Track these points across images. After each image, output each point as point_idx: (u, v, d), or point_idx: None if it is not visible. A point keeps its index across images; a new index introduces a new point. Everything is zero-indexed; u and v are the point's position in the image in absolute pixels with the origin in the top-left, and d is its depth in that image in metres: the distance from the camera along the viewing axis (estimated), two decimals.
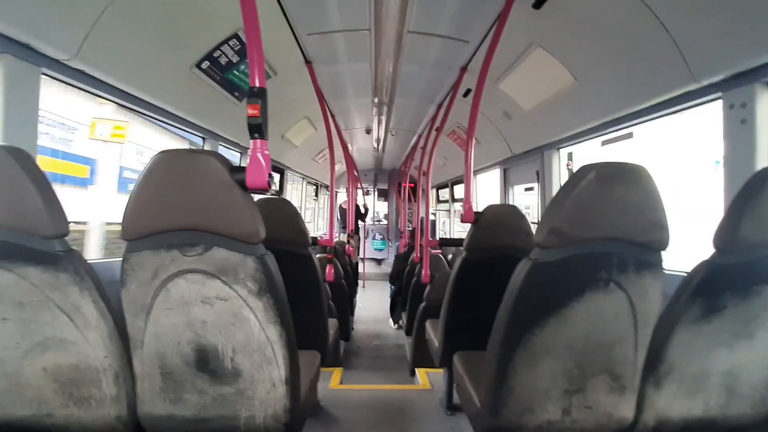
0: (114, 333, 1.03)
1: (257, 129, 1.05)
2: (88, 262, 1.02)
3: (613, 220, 1.02)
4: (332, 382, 2.69)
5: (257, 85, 1.07)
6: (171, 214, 0.98)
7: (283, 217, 1.88)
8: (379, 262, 9.25)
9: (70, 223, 1.00)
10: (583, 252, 1.02)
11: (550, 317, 1.04)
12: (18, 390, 1.03)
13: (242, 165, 1.03)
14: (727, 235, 1.05)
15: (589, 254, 1.03)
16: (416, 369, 2.97)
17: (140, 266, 0.98)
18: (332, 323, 2.37)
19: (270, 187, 1.02)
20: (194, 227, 0.98)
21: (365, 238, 8.72)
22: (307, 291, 1.94)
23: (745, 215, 1.02)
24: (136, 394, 1.07)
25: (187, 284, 0.99)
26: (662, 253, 1.08)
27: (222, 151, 2.88)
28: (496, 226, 1.86)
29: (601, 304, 1.04)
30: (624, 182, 1.00)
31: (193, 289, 0.99)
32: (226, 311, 1.00)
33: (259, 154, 1.04)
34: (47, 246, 0.96)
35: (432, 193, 7.67)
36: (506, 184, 3.95)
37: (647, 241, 1.04)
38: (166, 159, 0.97)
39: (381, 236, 9.34)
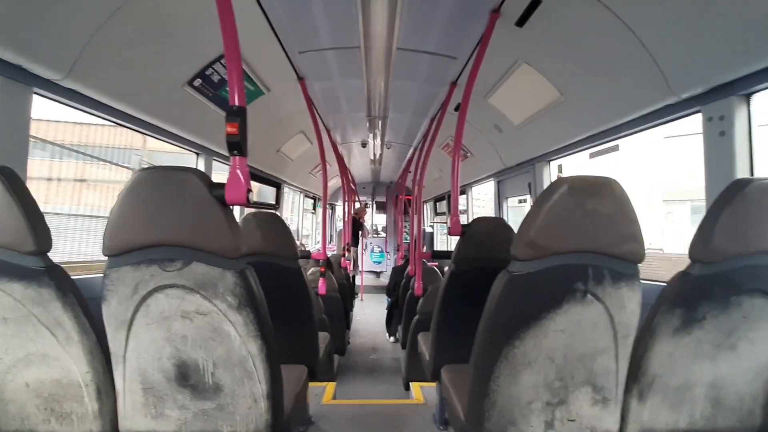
0: (96, 348, 1.03)
1: (236, 146, 1.08)
2: (71, 278, 1.03)
3: (586, 233, 1.03)
4: (325, 397, 2.66)
5: (236, 104, 1.10)
6: (151, 230, 0.99)
7: (271, 231, 1.89)
8: (377, 274, 9.22)
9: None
10: (559, 264, 1.04)
11: (530, 329, 1.05)
12: (2, 405, 1.03)
13: None
14: (702, 246, 1.06)
15: (564, 266, 1.04)
16: (410, 383, 2.95)
17: (121, 282, 1.00)
18: (324, 337, 2.36)
19: (248, 202, 1.04)
20: (174, 243, 0.99)
21: (363, 250, 8.71)
22: (295, 304, 1.94)
23: (719, 225, 1.03)
24: (118, 409, 1.06)
25: (167, 299, 1.00)
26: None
27: (216, 165, 2.92)
28: (483, 239, 1.87)
29: (579, 315, 1.05)
30: (596, 195, 1.01)
31: (173, 304, 1.00)
32: (206, 326, 1.01)
33: (238, 171, 1.07)
34: (30, 262, 0.98)
35: (429, 205, 7.70)
36: (500, 196, 3.98)
37: (622, 253, 1.05)
38: (146, 176, 0.99)
39: (379, 249, 9.32)
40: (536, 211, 1.03)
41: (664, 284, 1.12)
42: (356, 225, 7.23)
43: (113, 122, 1.92)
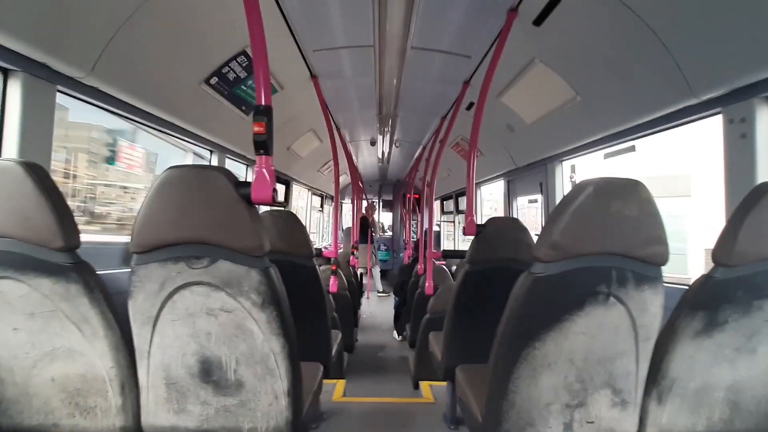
0: (121, 344, 1.05)
1: (263, 145, 1.09)
2: (98, 273, 1.05)
3: (611, 235, 1.02)
4: (335, 395, 2.67)
5: (263, 103, 1.11)
6: (178, 227, 1.00)
7: (287, 230, 1.90)
8: (383, 273, 9.22)
9: None
10: (582, 266, 1.03)
11: (551, 331, 1.05)
12: (26, 399, 1.05)
13: (248, 177, 1.06)
14: (726, 250, 1.05)
15: (588, 268, 1.03)
16: (420, 382, 2.95)
17: (148, 278, 1.01)
18: (335, 335, 2.37)
19: (274, 201, 1.05)
20: (201, 240, 1.00)
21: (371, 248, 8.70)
22: (310, 303, 1.95)
23: (743, 229, 1.02)
24: (141, 404, 1.08)
25: (193, 296, 1.01)
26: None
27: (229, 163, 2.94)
28: (498, 239, 1.87)
29: (601, 317, 1.04)
30: (621, 197, 1.01)
31: (198, 301, 1.01)
32: (230, 323, 1.02)
33: (264, 170, 1.07)
34: (59, 258, 0.99)
35: (437, 204, 7.68)
36: (510, 195, 3.96)
37: (646, 255, 1.04)
38: (174, 175, 1.01)
39: (386, 247, 9.32)
40: (560, 213, 1.03)
41: (687, 287, 1.11)
42: (365, 224, 7.24)
43: (132, 120, 1.95)
